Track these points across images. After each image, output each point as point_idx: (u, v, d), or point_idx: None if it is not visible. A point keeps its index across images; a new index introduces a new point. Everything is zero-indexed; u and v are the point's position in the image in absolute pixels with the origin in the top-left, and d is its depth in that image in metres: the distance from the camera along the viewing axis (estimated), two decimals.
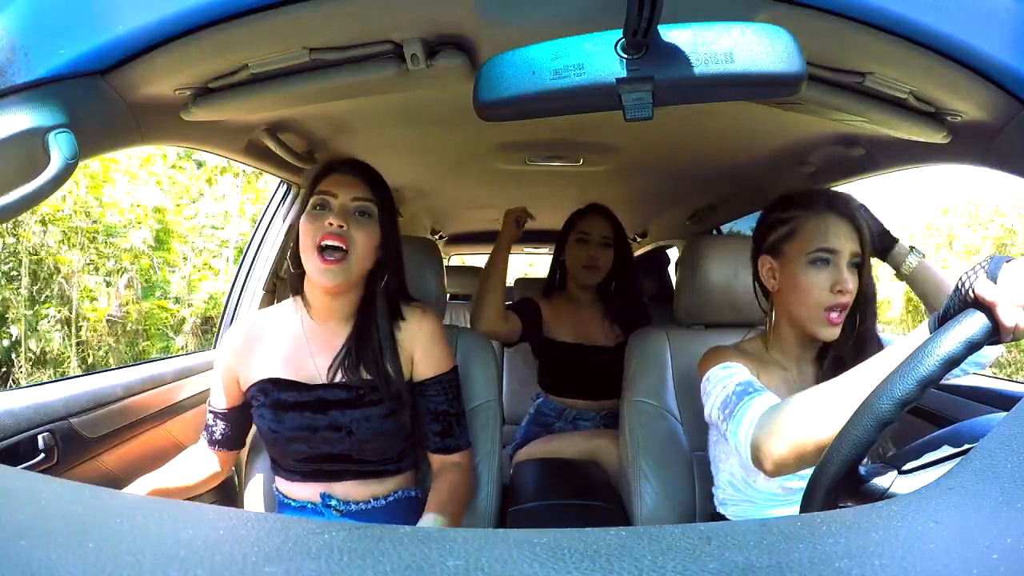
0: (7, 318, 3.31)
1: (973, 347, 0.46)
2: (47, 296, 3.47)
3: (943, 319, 0.52)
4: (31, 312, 3.33)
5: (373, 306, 0.96)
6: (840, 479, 0.47)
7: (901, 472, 0.46)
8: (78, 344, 3.59)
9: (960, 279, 0.51)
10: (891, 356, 0.59)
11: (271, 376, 0.94)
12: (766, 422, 0.72)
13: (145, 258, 4.18)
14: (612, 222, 1.62)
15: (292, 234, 0.97)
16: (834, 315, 0.87)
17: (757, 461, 0.72)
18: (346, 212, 0.91)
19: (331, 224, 0.88)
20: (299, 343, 0.96)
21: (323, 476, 0.94)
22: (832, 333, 0.89)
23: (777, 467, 0.68)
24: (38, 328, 3.39)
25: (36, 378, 3.35)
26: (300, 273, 0.95)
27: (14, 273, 3.30)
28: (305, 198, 0.95)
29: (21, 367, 3.32)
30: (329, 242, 0.87)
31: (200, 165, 5.07)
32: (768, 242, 0.95)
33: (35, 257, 3.36)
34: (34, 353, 3.36)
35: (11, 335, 3.31)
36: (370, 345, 0.94)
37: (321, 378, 0.93)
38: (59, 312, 3.49)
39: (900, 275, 1.03)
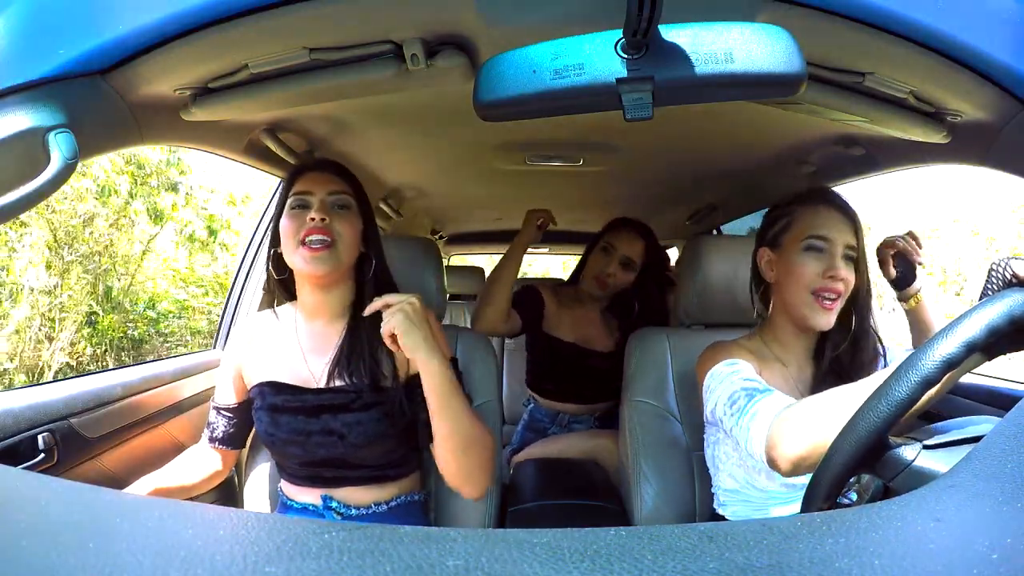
0: None
1: (1014, 320, 0.45)
2: None
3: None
4: None
5: (363, 304, 0.94)
6: (871, 441, 0.46)
7: (926, 447, 0.46)
8: None
9: (994, 266, 0.51)
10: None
11: (269, 379, 0.94)
12: (781, 422, 0.70)
13: None
14: (645, 244, 1.53)
15: (275, 240, 0.96)
16: (826, 300, 0.88)
17: (771, 460, 0.71)
18: (326, 206, 0.91)
19: (313, 219, 0.88)
20: (294, 346, 0.96)
21: (322, 482, 0.93)
22: (824, 319, 0.88)
23: (794, 467, 0.67)
24: None
25: None
26: (285, 279, 0.96)
27: None
28: (281, 202, 0.95)
29: None
30: (314, 236, 0.87)
31: None
32: (768, 235, 0.98)
33: None
34: None
35: None
36: (362, 348, 0.92)
37: (315, 382, 0.93)
38: None
39: (907, 308, 1.07)
